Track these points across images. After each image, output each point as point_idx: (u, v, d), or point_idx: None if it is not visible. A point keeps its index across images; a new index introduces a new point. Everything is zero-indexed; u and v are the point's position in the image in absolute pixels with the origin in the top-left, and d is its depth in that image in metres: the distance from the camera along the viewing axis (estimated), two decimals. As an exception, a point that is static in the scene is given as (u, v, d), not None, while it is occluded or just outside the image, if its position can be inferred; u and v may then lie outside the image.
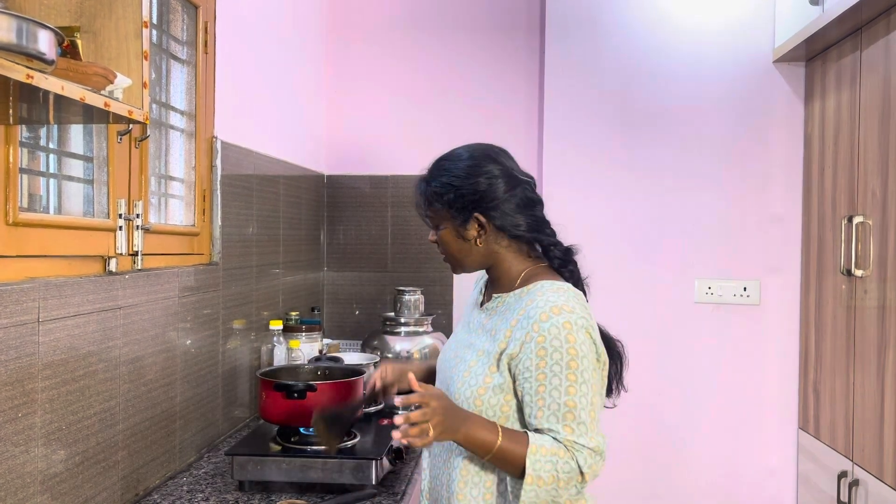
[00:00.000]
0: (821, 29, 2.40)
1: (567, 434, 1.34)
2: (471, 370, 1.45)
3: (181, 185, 2.01)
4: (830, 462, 2.54)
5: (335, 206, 3.21)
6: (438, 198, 1.46)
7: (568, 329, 1.35)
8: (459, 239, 1.47)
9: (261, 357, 2.39)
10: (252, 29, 2.38)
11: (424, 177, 1.52)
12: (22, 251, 1.31)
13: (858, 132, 2.37)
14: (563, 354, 1.35)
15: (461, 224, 1.46)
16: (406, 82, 3.19)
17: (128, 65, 1.25)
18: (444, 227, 1.48)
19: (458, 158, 1.50)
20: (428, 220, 1.52)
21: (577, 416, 1.34)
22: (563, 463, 1.32)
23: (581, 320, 1.37)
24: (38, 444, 1.30)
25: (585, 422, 1.34)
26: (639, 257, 2.97)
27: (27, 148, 1.41)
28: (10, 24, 0.89)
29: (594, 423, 1.36)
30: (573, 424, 1.34)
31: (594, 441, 1.35)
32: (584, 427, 1.34)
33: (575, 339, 1.35)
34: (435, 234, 1.52)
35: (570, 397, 1.34)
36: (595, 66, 2.97)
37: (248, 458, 1.71)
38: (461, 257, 1.50)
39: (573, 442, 1.34)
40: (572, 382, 1.34)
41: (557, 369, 1.35)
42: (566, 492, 1.34)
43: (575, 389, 1.34)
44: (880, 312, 2.20)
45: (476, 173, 1.46)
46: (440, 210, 1.47)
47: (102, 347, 1.49)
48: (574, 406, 1.34)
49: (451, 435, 1.33)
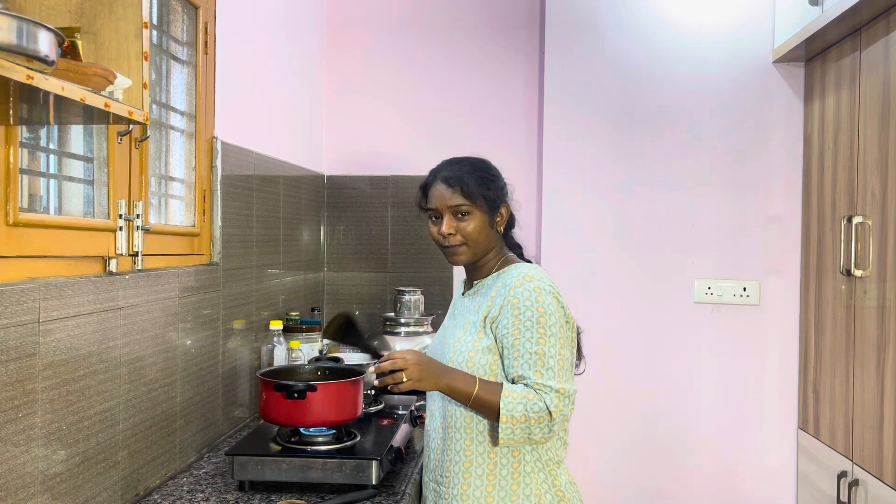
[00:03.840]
0: (820, 29, 2.40)
1: (537, 378, 1.56)
2: (460, 340, 1.68)
3: (181, 186, 2.01)
4: (830, 462, 2.54)
5: (335, 206, 3.22)
6: (485, 190, 1.68)
7: (538, 293, 1.60)
8: (489, 227, 1.70)
9: (261, 357, 2.39)
10: (252, 29, 2.39)
11: (469, 172, 1.69)
12: (22, 251, 1.31)
13: (858, 132, 2.37)
14: (533, 312, 1.59)
15: (493, 214, 1.70)
16: (406, 82, 3.19)
17: (128, 65, 1.25)
18: (479, 215, 1.68)
19: (486, 161, 1.76)
20: (466, 209, 1.67)
21: (546, 362, 1.56)
22: (531, 403, 1.54)
23: (549, 287, 1.63)
24: (38, 444, 1.30)
25: (553, 368, 1.57)
26: (639, 257, 2.97)
27: (27, 148, 1.41)
28: (10, 24, 0.90)
29: (563, 371, 1.58)
30: (542, 370, 1.56)
31: (561, 384, 1.56)
32: (552, 372, 1.56)
33: (543, 300, 1.60)
34: (455, 223, 1.68)
35: (540, 346, 1.57)
36: (595, 67, 2.97)
37: (249, 458, 1.71)
38: (486, 244, 1.71)
39: (542, 384, 1.55)
40: (542, 335, 1.58)
41: (529, 324, 1.58)
42: (538, 429, 1.54)
43: (544, 341, 1.57)
44: (880, 312, 2.20)
45: (499, 174, 1.75)
46: (487, 201, 1.68)
47: (103, 348, 1.50)
48: (543, 354, 1.57)
49: (433, 383, 1.57)
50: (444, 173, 1.70)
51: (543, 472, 1.64)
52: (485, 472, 1.64)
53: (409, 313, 2.81)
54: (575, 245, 2.99)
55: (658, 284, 2.96)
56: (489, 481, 1.63)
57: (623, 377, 2.97)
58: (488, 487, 1.63)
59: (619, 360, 2.96)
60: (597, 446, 2.97)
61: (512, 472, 1.63)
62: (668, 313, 2.96)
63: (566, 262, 2.97)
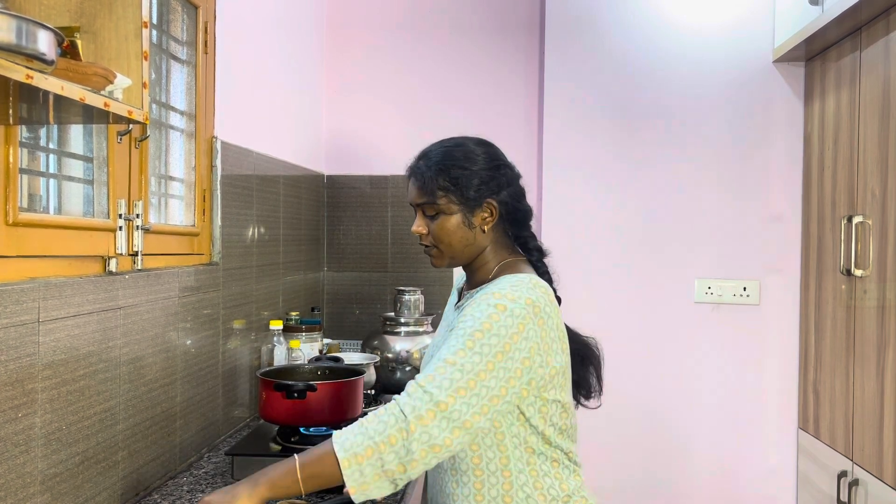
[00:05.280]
0: (820, 29, 2.40)
1: (422, 381, 1.25)
2: None
3: (181, 185, 2.01)
4: (830, 462, 2.54)
5: (335, 206, 3.22)
6: (455, 183, 1.42)
7: (499, 310, 1.29)
8: (465, 226, 1.44)
9: (261, 357, 2.39)
10: (252, 29, 2.39)
11: (429, 164, 1.46)
12: (22, 251, 1.31)
13: (858, 132, 2.37)
14: (474, 324, 1.29)
15: (471, 210, 1.43)
16: (406, 82, 3.19)
17: (128, 65, 1.25)
18: (450, 213, 1.43)
19: (467, 145, 1.47)
20: (429, 207, 1.45)
21: (448, 371, 1.24)
22: (375, 422, 1.21)
23: (521, 310, 1.30)
24: (38, 444, 1.30)
25: (452, 378, 1.23)
26: (639, 257, 2.97)
27: (27, 148, 1.41)
28: (10, 24, 0.89)
29: (466, 392, 1.23)
30: (437, 375, 1.24)
31: (448, 398, 1.22)
32: (446, 382, 1.23)
33: (498, 319, 1.28)
34: (427, 224, 1.46)
35: (454, 356, 1.26)
36: (595, 66, 2.97)
37: (249, 458, 1.71)
38: (461, 246, 1.45)
39: (419, 387, 1.24)
40: (465, 347, 1.26)
41: (461, 334, 1.29)
42: (394, 452, 1.19)
43: (464, 353, 1.26)
44: (880, 312, 2.20)
45: (492, 159, 1.46)
46: (455, 196, 1.43)
47: (102, 347, 1.50)
48: (452, 363, 1.25)
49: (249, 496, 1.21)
50: (419, 163, 1.48)
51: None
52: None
53: (409, 313, 2.81)
54: (575, 245, 2.99)
55: (658, 284, 2.96)
56: None
57: (622, 377, 2.96)
58: None
59: (618, 360, 2.96)
60: (596, 446, 2.97)
61: None
62: (667, 313, 2.96)
63: (566, 262, 2.96)
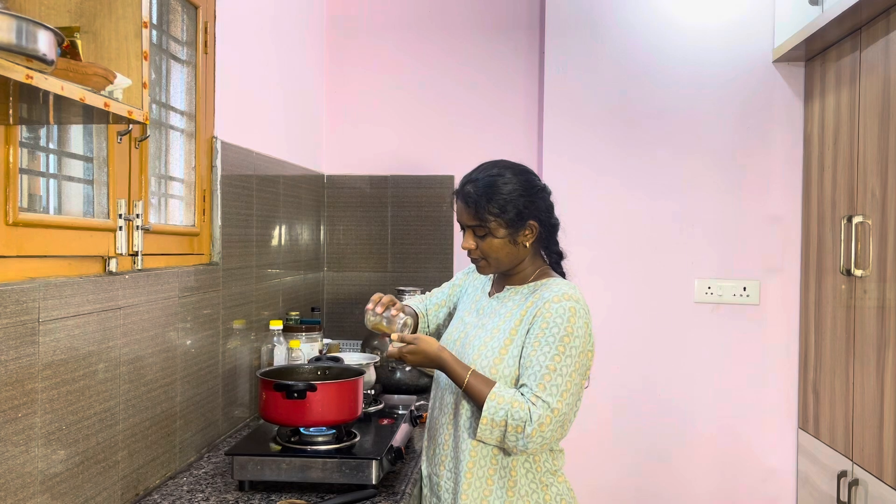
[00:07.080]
0: (820, 29, 2.40)
1: (538, 390, 1.57)
2: (487, 345, 1.68)
3: (181, 185, 2.01)
4: (830, 462, 2.54)
5: (335, 206, 3.22)
6: (503, 210, 1.65)
7: (571, 313, 1.61)
8: (510, 244, 1.68)
9: (261, 357, 2.39)
10: (252, 29, 2.39)
11: (478, 191, 1.66)
12: (22, 251, 1.31)
13: (858, 132, 2.37)
14: (560, 329, 1.60)
15: (515, 231, 1.67)
16: (406, 82, 3.19)
17: (128, 65, 1.25)
18: (498, 234, 1.66)
19: (506, 173, 1.69)
20: (479, 229, 1.67)
21: (553, 379, 1.57)
22: (515, 411, 1.55)
23: (583, 311, 1.64)
24: (38, 444, 1.30)
25: (558, 385, 1.57)
26: (639, 257, 2.97)
27: (27, 148, 1.41)
28: (10, 24, 0.89)
29: (567, 394, 1.57)
30: (547, 384, 1.57)
31: (558, 403, 1.56)
32: (555, 389, 1.56)
33: (575, 322, 1.61)
34: (477, 241, 1.69)
35: (554, 363, 1.58)
36: (594, 66, 2.97)
37: (249, 458, 1.71)
38: (509, 260, 1.71)
39: (538, 396, 1.56)
40: (560, 353, 1.58)
41: (552, 340, 1.59)
42: (512, 439, 1.56)
43: (560, 359, 1.58)
44: (880, 312, 2.20)
45: (532, 186, 1.70)
46: (502, 221, 1.65)
47: (102, 347, 1.50)
48: (553, 370, 1.57)
49: (434, 364, 1.65)
50: (467, 188, 1.69)
51: (535, 483, 1.66)
52: (485, 475, 1.66)
53: (409, 313, 2.81)
54: (575, 245, 2.98)
55: (658, 284, 2.96)
56: (487, 485, 1.66)
57: (623, 377, 2.97)
58: (485, 492, 1.66)
59: (618, 360, 2.96)
60: (596, 445, 2.97)
61: (507, 480, 1.65)
62: (668, 313, 2.96)
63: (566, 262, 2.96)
